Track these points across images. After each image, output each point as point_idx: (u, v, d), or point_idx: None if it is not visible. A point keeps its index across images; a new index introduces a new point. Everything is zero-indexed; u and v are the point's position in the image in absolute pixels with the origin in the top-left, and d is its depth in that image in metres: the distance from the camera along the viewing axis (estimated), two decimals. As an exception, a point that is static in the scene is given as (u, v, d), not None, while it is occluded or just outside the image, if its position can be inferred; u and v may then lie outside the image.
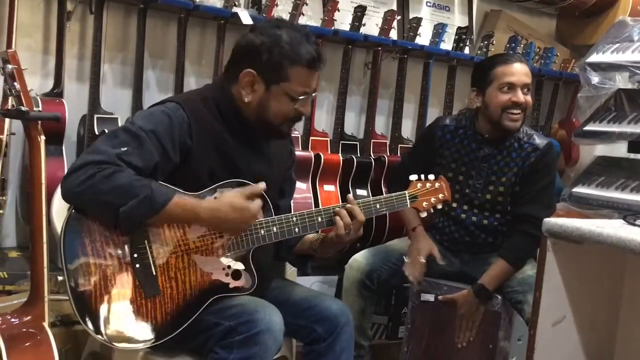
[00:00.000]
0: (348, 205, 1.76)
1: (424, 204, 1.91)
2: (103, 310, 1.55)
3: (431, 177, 1.94)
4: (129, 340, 1.57)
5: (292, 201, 2.02)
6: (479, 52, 3.31)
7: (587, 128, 2.93)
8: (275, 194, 1.84)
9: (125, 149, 1.56)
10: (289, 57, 1.66)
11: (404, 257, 2.35)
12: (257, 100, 1.70)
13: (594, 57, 2.90)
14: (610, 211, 2.64)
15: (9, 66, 1.65)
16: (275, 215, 1.71)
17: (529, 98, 2.30)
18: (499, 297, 2.31)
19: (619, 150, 2.83)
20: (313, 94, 1.75)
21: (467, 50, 3.27)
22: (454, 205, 2.38)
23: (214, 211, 1.61)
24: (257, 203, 1.64)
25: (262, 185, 1.66)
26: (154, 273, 1.60)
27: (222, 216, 1.61)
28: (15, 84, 1.65)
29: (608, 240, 1.54)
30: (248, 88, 1.70)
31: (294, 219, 1.71)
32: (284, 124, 1.74)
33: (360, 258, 2.38)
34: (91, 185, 1.50)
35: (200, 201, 1.62)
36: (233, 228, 1.64)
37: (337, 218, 1.73)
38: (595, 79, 2.83)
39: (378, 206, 1.82)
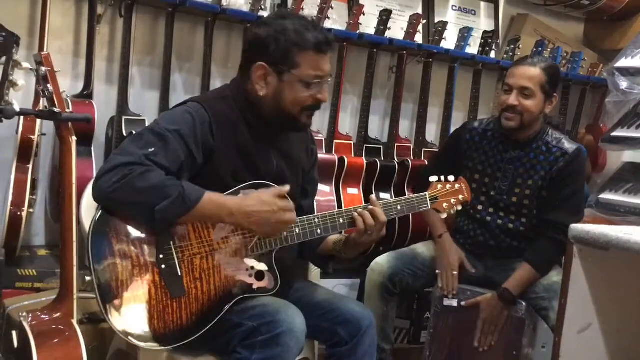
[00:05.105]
0: (370, 207, 1.76)
1: (444, 205, 1.91)
2: (129, 309, 1.58)
3: (451, 178, 1.94)
4: (155, 340, 1.59)
5: (315, 203, 2.03)
6: (505, 56, 3.29)
7: (615, 134, 2.90)
8: (296, 193, 1.85)
9: (152, 149, 1.59)
10: (296, 43, 1.66)
11: (436, 272, 2.36)
12: (272, 93, 1.71)
13: (623, 62, 2.87)
14: (638, 218, 2.61)
15: (43, 68, 1.69)
16: (298, 217, 1.72)
17: (525, 102, 2.24)
18: (524, 304, 2.29)
19: (648, 156, 2.80)
20: (329, 79, 1.74)
21: (493, 55, 3.25)
22: (480, 207, 2.37)
23: (244, 206, 1.61)
24: (288, 202, 1.64)
25: (286, 187, 1.67)
26: (180, 274, 1.62)
27: (252, 210, 1.61)
28: (49, 85, 1.69)
29: (635, 247, 1.52)
30: (261, 82, 1.71)
31: (316, 220, 1.72)
32: (303, 113, 1.73)
33: (382, 261, 2.38)
34: (124, 185, 1.53)
35: (231, 197, 1.64)
36: (264, 223, 1.62)
37: (359, 219, 1.74)
38: (623, 84, 2.80)
39: (399, 207, 1.82)
